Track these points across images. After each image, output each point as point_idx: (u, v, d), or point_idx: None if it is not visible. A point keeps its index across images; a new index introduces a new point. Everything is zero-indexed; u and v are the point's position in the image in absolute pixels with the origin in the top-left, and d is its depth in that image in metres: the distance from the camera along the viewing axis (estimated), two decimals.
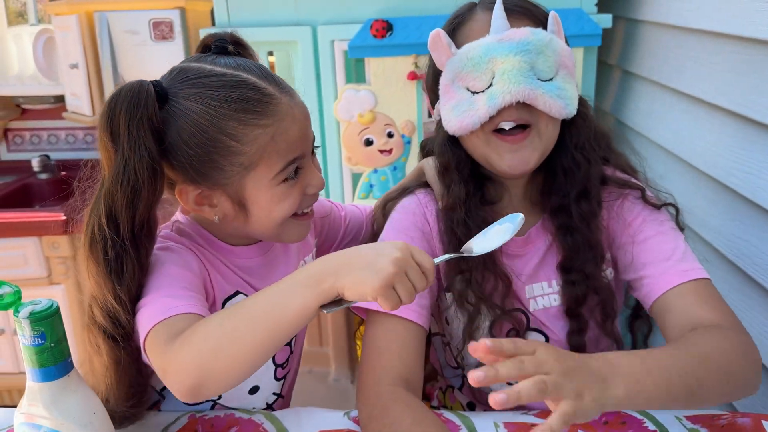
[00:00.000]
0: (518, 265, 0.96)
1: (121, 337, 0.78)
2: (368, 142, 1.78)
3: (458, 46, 0.88)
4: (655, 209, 0.94)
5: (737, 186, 1.13)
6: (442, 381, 1.15)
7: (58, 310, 0.64)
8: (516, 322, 0.96)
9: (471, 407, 1.10)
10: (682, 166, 1.38)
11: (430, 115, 1.82)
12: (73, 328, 2.11)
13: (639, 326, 1.03)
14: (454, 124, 0.88)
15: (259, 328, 0.68)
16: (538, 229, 0.97)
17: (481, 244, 0.77)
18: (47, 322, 0.63)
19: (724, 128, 1.20)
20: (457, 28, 0.91)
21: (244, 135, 0.77)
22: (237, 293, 0.90)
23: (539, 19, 0.89)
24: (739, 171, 1.13)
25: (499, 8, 0.85)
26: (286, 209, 0.83)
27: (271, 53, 1.97)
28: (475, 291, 0.92)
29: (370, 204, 1.13)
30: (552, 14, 0.89)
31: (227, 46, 0.85)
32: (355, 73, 1.97)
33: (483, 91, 0.85)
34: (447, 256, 0.77)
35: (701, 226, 1.28)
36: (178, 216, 0.92)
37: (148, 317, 0.74)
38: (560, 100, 0.85)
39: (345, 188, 1.88)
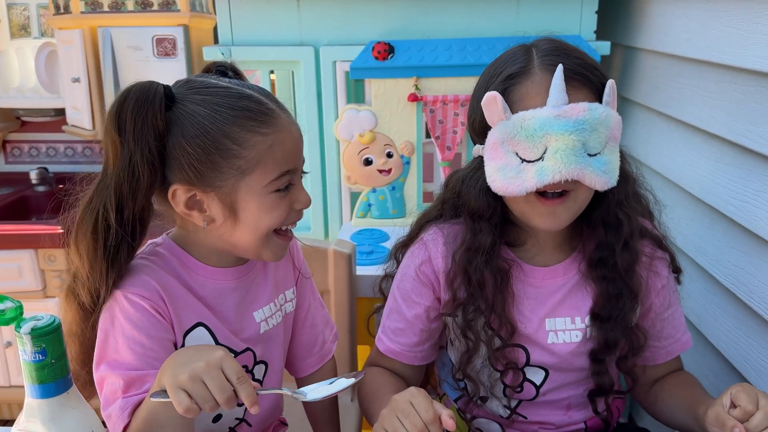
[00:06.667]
0: (541, 294, 0.98)
1: (93, 311, 0.85)
2: (368, 162, 1.79)
3: (512, 107, 0.86)
4: (674, 275, 1.02)
5: (734, 214, 1.14)
6: (440, 389, 1.17)
7: (59, 326, 0.64)
8: (509, 360, 0.98)
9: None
10: (679, 193, 1.39)
11: (428, 136, 1.85)
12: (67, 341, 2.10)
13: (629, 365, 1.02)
14: (499, 185, 0.89)
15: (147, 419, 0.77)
16: (565, 266, 0.99)
17: (318, 390, 0.79)
18: (49, 339, 0.63)
19: (721, 157, 1.21)
20: (512, 87, 0.88)
21: (245, 140, 0.82)
22: (197, 325, 0.89)
23: (596, 87, 0.87)
24: (736, 199, 1.14)
25: (559, 78, 0.83)
26: (273, 219, 0.86)
27: (272, 72, 1.98)
28: (475, 330, 0.96)
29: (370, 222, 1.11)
30: (610, 84, 0.87)
31: (227, 71, 0.90)
32: (356, 93, 1.98)
33: (533, 161, 0.85)
34: (278, 390, 0.80)
35: (698, 253, 1.29)
36: (157, 239, 0.93)
37: (105, 404, 0.81)
38: (605, 175, 0.86)
39: (344, 207, 1.89)
